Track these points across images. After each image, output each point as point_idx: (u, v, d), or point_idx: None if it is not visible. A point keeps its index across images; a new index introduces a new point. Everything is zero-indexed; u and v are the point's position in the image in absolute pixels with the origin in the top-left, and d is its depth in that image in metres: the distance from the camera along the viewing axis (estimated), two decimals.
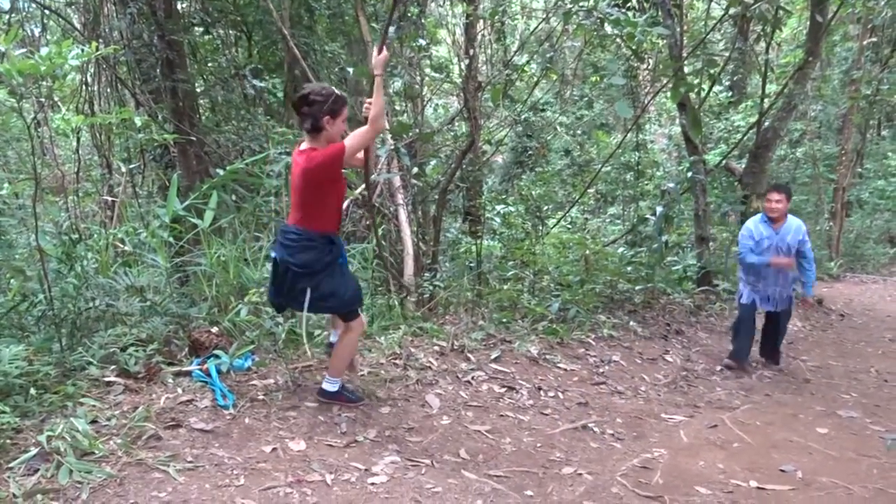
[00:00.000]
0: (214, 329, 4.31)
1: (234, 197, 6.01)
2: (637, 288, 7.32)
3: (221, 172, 5.70)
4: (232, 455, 3.25)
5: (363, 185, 6.97)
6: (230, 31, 9.37)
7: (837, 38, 12.74)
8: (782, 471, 3.96)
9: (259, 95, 9.09)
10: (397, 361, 4.63)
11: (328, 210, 3.72)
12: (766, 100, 9.05)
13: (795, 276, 5.96)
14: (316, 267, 3.68)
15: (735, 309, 6.51)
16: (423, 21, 9.04)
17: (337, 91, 3.67)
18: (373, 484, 3.22)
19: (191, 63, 8.06)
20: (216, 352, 4.05)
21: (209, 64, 8.95)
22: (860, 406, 5.30)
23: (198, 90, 8.30)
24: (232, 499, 2.90)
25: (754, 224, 5.92)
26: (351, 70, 7.72)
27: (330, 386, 3.92)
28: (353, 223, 7.34)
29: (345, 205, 6.85)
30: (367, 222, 6.66)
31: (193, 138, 6.84)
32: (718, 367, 6.01)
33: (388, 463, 3.45)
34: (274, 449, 3.38)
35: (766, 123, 8.98)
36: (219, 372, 3.91)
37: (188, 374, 3.89)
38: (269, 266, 4.32)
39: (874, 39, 12.47)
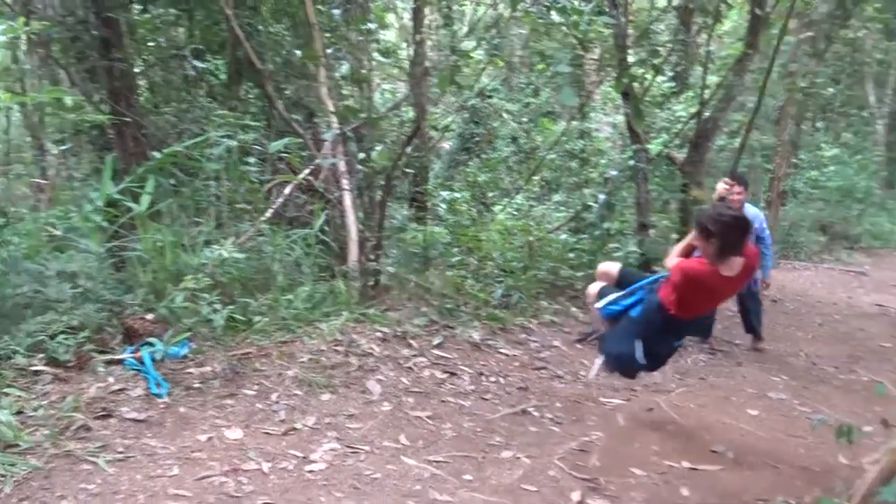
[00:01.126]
0: (150, 316, 4.22)
1: (172, 181, 5.86)
2: (579, 274, 7.41)
3: (159, 155, 5.57)
4: (165, 445, 3.20)
5: (307, 170, 6.91)
6: (170, 10, 9.11)
7: (776, 31, 13.06)
8: (714, 451, 4.08)
9: (200, 77, 8.87)
10: (338, 348, 4.60)
11: None
12: (706, 91, 9.23)
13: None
14: None
15: None
16: (370, 4, 8.94)
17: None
18: (311, 471, 3.21)
19: (129, 42, 7.81)
20: (151, 339, 3.96)
21: (148, 43, 8.68)
22: (789, 388, 5.49)
23: (136, 70, 8.05)
24: (165, 489, 2.85)
25: None
26: (298, 52, 7.63)
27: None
28: (296, 208, 7.24)
29: (287, 189, 6.83)
30: (311, 208, 6.58)
31: (130, 120, 6.64)
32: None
33: (327, 450, 3.44)
34: (209, 438, 3.33)
35: (707, 114, 9.16)
36: (153, 360, 3.83)
37: (121, 362, 3.80)
38: None
39: (811, 34, 12.84)
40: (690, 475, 3.72)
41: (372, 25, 7.87)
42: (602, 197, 7.54)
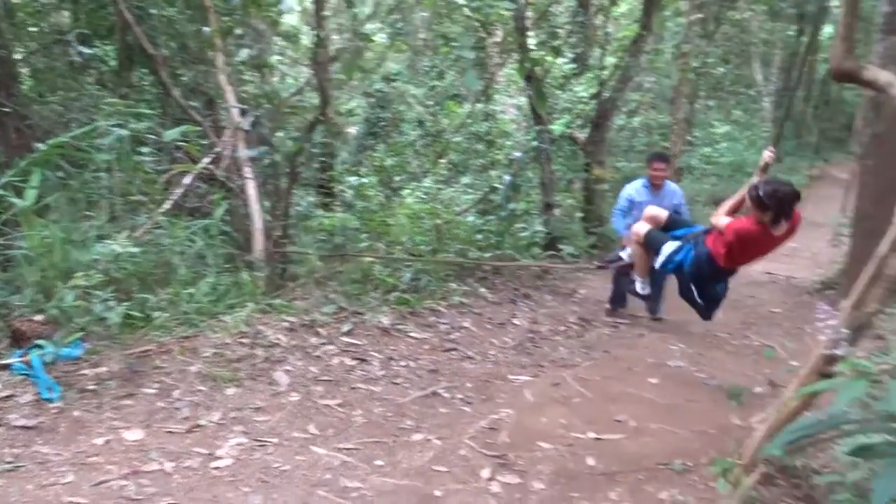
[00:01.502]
0: (38, 317, 4.00)
1: (59, 174, 5.55)
2: (487, 255, 7.51)
3: (45, 147, 5.27)
4: (59, 451, 3.05)
5: (207, 159, 6.69)
6: None
7: (669, 13, 13.54)
8: (618, 421, 4.24)
9: (88, 63, 8.42)
10: (244, 340, 4.50)
11: None
12: (605, 72, 9.49)
13: None
14: None
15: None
16: None
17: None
18: (216, 468, 3.14)
19: (7, 27, 7.33)
20: (40, 342, 3.76)
21: (29, 28, 8.17)
22: (686, 356, 5.75)
23: (17, 58, 7.57)
24: (59, 498, 2.73)
25: (635, 189, 6.49)
26: (197, 30, 7.34)
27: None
28: (197, 198, 7.01)
29: (187, 179, 6.60)
30: (213, 198, 6.38)
31: (10, 110, 6.24)
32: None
33: (234, 445, 3.38)
34: (107, 441, 3.21)
35: (606, 95, 9.42)
36: (44, 363, 3.63)
37: (8, 367, 3.59)
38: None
39: (701, 16, 13.35)
40: (596, 445, 3.85)
41: (273, 8, 7.65)
42: (507, 178, 7.63)
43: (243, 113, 6.60)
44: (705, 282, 4.87)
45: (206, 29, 7.06)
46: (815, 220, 16.78)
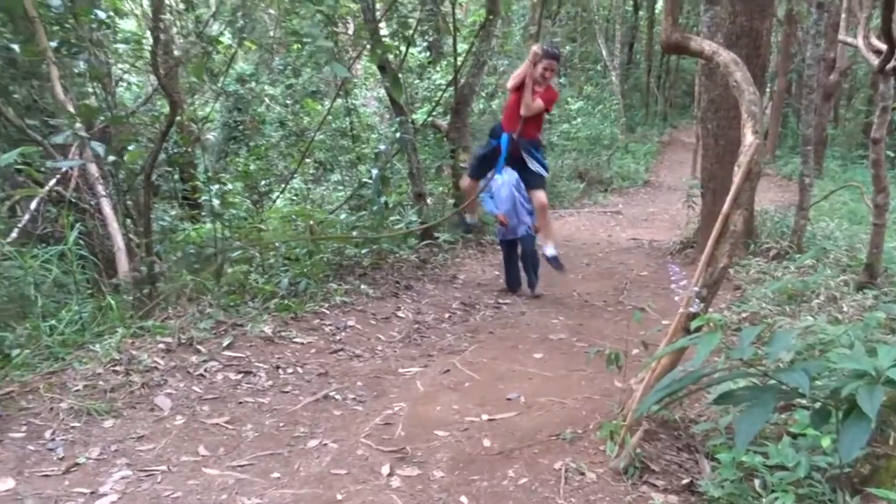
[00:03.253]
0: None
1: None
2: (364, 251, 7.48)
3: None
4: None
5: (54, 180, 6.24)
6: None
7: None
8: (508, 399, 4.36)
9: None
10: (118, 368, 4.25)
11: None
12: (458, 58, 9.63)
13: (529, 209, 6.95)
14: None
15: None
16: None
17: None
18: None
19: None
20: None
21: None
22: (567, 328, 5.98)
23: None
24: None
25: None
26: (17, 48, 6.81)
27: (553, 250, 6.72)
28: (48, 223, 6.55)
29: (33, 204, 6.14)
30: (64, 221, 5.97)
31: None
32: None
33: (118, 479, 3.19)
34: None
35: (462, 81, 9.57)
36: None
37: None
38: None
39: None
40: (490, 426, 3.94)
41: (103, 15, 7.20)
42: (375, 172, 7.62)
43: (88, 127, 6.20)
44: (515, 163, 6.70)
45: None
46: (671, 185, 17.97)
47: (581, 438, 3.64)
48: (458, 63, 9.49)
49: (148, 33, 11.02)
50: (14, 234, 5.54)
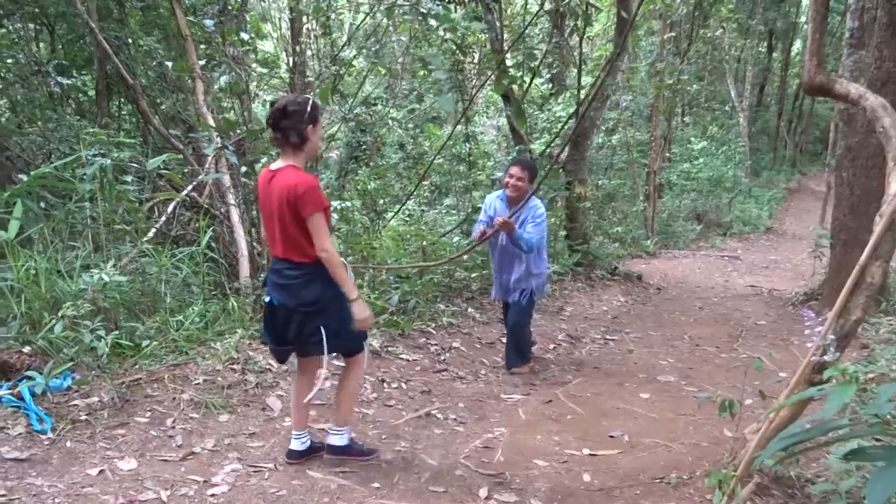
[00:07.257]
0: (26, 349, 3.96)
1: (42, 204, 5.52)
2: (473, 275, 7.53)
3: (26, 178, 5.23)
4: (53, 483, 3.01)
5: (190, 186, 6.67)
6: (29, 24, 8.58)
7: (642, 32, 13.80)
8: (611, 436, 4.25)
9: (67, 94, 8.41)
10: (235, 367, 4.47)
11: None
12: (582, 91, 9.61)
13: (532, 272, 5.40)
14: (325, 300, 3.27)
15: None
16: (245, 14, 8.73)
17: (310, 97, 3.33)
18: (213, 495, 3.11)
19: None
20: (29, 373, 3.71)
21: (6, 60, 8.15)
22: (676, 370, 5.79)
23: None
24: None
25: (490, 201, 5.53)
26: (170, 65, 7.37)
27: (339, 439, 3.57)
28: (181, 226, 6.99)
29: (170, 207, 6.58)
30: (198, 225, 6.36)
31: None
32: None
33: (229, 472, 3.34)
34: (101, 471, 3.16)
35: (583, 113, 9.52)
36: (33, 395, 3.59)
37: None
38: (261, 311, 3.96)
39: (673, 34, 13.64)
40: (591, 461, 3.86)
41: (246, 36, 7.67)
42: None
43: (221, 140, 6.60)
44: None
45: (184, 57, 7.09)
46: (796, 233, 17.12)
47: (686, 485, 3.50)
48: (581, 96, 9.46)
49: (283, 54, 11.67)
50: (151, 234, 5.93)
